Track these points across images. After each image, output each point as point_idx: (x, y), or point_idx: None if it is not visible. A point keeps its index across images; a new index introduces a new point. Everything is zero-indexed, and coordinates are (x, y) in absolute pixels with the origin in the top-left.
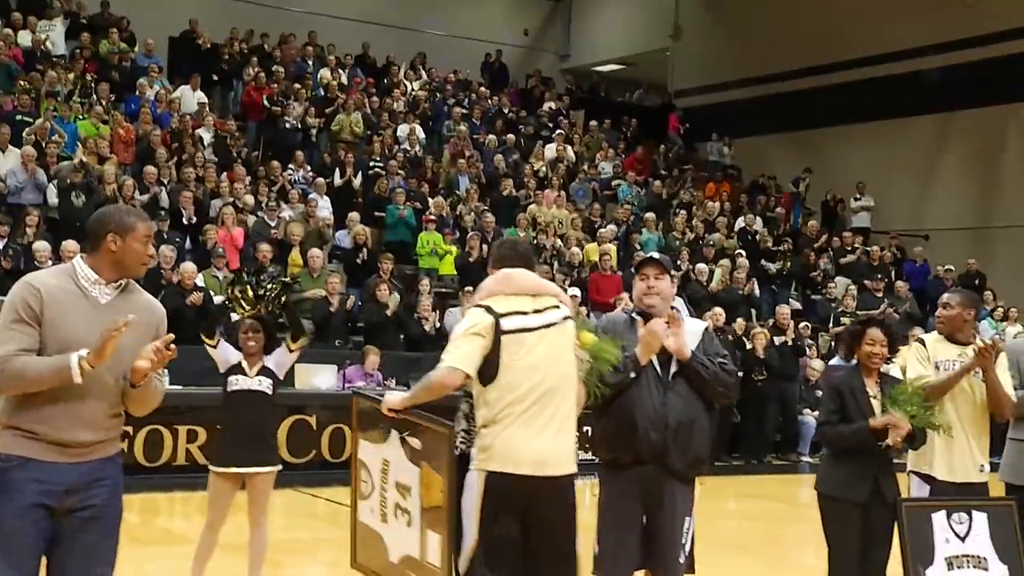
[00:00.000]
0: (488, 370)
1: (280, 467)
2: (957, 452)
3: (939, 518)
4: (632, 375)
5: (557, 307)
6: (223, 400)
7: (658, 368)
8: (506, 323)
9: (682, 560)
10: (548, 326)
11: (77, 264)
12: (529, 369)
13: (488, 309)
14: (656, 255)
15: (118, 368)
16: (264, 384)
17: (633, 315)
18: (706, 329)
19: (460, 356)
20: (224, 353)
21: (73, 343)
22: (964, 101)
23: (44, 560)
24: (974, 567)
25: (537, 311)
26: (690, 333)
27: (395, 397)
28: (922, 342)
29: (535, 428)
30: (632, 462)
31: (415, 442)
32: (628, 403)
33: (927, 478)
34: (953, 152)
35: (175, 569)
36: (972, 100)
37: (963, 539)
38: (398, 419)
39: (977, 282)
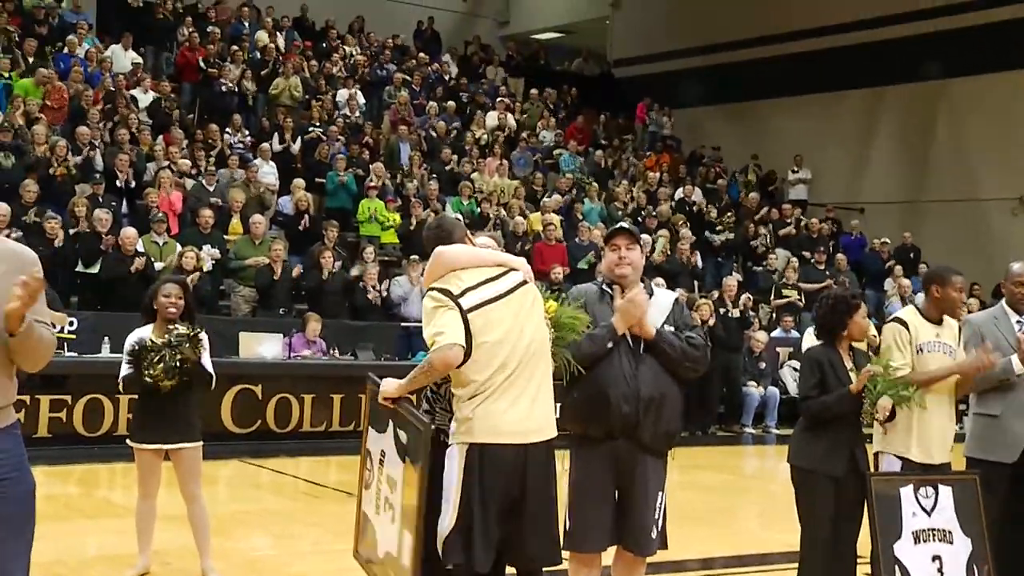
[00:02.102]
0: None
1: (201, 442)
2: (936, 435)
3: (907, 492)
4: (609, 345)
5: (508, 272)
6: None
7: (629, 340)
8: (464, 302)
9: (655, 535)
10: (507, 293)
11: None
12: (498, 344)
13: (443, 291)
14: (626, 225)
15: None
16: None
17: (604, 287)
18: (676, 300)
19: (453, 332)
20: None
21: None
22: (897, 76)
23: None
24: (939, 540)
25: (490, 280)
26: (660, 305)
27: (391, 385)
28: (903, 323)
29: (512, 397)
30: (604, 436)
31: (402, 435)
32: (600, 376)
33: (903, 460)
34: (886, 126)
35: (116, 543)
36: (904, 75)
37: (929, 513)
38: (392, 409)
39: (912, 255)
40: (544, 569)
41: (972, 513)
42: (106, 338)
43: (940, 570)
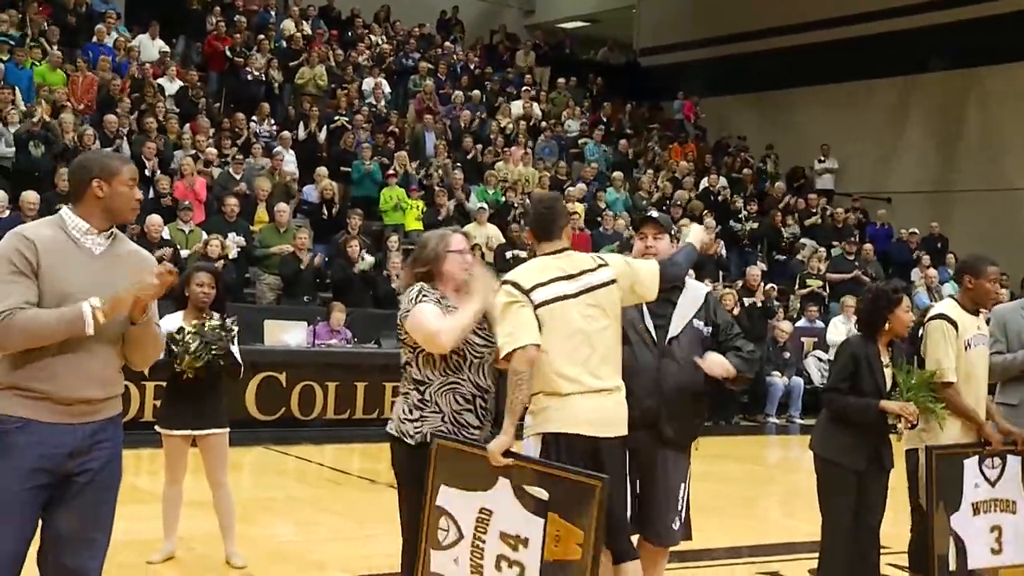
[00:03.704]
0: None
1: (228, 429)
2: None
3: (971, 464)
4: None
5: (596, 268)
6: (168, 357)
7: (653, 332)
8: (535, 296)
9: (677, 527)
10: (580, 293)
11: (65, 215)
12: (569, 340)
13: (515, 285)
14: (655, 214)
15: (121, 319)
16: None
17: None
18: (708, 294)
19: (527, 332)
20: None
21: (72, 296)
22: (927, 65)
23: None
24: (1001, 511)
25: (561, 278)
26: (691, 297)
27: (498, 441)
28: (952, 321)
29: (590, 390)
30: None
31: (538, 492)
32: (623, 367)
33: None
34: (915, 116)
35: (142, 528)
36: (934, 64)
37: (993, 484)
38: (513, 467)
39: (940, 245)
40: None
41: None
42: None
43: (999, 539)
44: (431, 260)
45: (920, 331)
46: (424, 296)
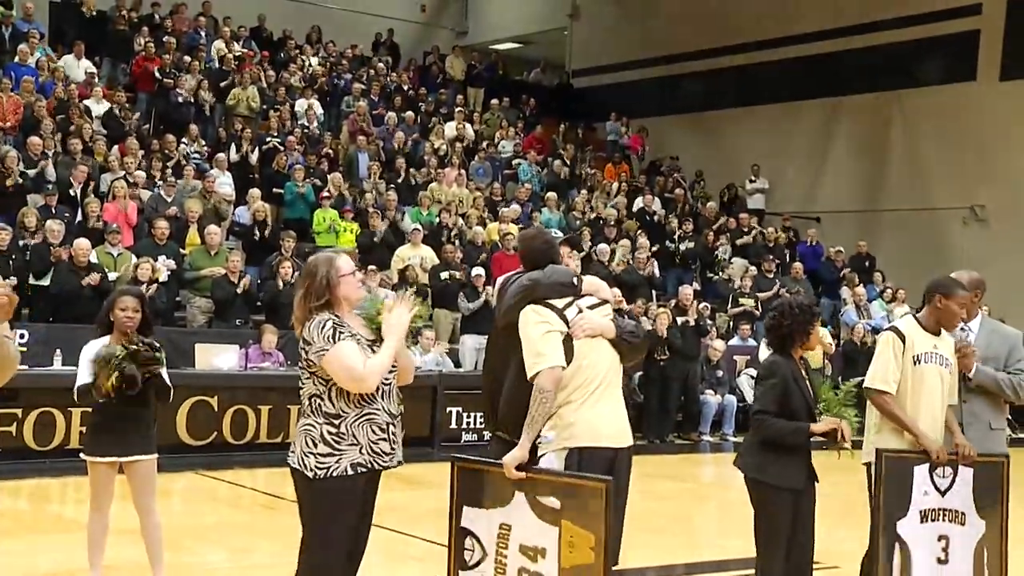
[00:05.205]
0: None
1: (156, 455)
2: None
3: (921, 471)
4: None
5: (582, 296)
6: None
7: None
8: (569, 313)
9: None
10: (595, 307)
11: None
12: (589, 351)
13: (548, 305)
14: (571, 236)
15: None
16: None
17: None
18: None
19: (553, 355)
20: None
21: None
22: (852, 87)
23: None
24: (950, 521)
25: (573, 301)
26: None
27: (514, 454)
28: (899, 334)
29: (603, 403)
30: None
31: (551, 501)
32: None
33: None
34: (842, 137)
35: (68, 558)
36: (860, 86)
37: (943, 493)
38: (525, 479)
39: (867, 264)
40: None
41: (992, 496)
42: (58, 351)
43: (945, 549)
44: (324, 289)
45: (842, 346)
46: (340, 333)
